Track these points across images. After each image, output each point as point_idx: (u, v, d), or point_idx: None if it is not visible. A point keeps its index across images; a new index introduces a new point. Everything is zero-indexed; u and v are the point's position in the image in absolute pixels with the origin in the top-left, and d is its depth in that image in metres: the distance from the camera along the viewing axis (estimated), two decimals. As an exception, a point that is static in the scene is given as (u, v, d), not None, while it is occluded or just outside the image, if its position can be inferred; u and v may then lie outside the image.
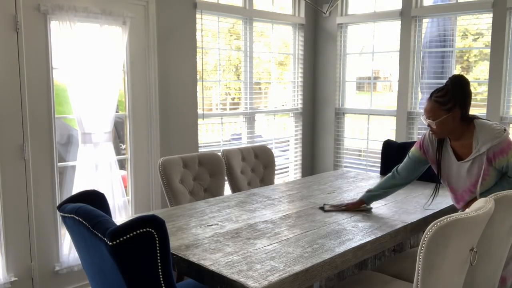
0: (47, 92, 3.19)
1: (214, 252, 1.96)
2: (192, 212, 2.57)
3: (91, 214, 1.59)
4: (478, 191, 2.33)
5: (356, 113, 5.12)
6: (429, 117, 2.32)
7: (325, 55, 5.19)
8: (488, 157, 2.27)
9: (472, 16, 4.21)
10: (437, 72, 4.46)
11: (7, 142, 3.03)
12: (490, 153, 2.25)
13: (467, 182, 2.36)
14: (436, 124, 2.30)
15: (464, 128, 2.33)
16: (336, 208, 2.62)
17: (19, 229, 3.12)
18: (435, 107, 2.30)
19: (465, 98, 2.28)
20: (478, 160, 2.29)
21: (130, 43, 3.56)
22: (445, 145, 2.45)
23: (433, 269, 1.66)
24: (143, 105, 3.72)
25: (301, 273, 1.78)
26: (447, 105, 2.27)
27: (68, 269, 3.36)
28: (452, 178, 2.44)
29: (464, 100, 2.28)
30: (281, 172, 5.13)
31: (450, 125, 2.30)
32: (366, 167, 5.02)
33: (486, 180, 2.30)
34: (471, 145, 2.32)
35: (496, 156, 2.25)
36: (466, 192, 2.39)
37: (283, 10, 5.05)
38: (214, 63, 4.37)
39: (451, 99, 2.26)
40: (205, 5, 4.09)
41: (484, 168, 2.27)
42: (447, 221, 1.62)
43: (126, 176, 3.74)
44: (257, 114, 4.80)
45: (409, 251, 2.78)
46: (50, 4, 3.08)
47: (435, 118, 2.29)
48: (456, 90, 2.27)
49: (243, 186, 3.50)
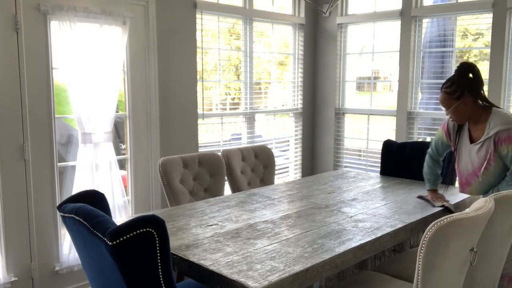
0: (47, 92, 3.19)
1: (214, 252, 1.96)
2: (192, 212, 2.57)
3: (91, 214, 1.59)
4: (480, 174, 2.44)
5: (356, 113, 5.12)
6: (443, 106, 2.49)
7: (325, 55, 5.19)
8: (495, 141, 2.38)
9: (472, 16, 4.21)
10: (437, 72, 4.46)
11: (7, 142, 3.03)
12: (497, 137, 2.37)
13: (474, 164, 2.48)
14: (451, 112, 2.46)
15: (481, 113, 2.47)
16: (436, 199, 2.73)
17: (19, 229, 3.12)
18: (445, 98, 2.46)
19: (472, 84, 2.41)
20: (487, 144, 2.42)
21: (130, 43, 3.56)
22: (464, 128, 2.60)
23: (433, 269, 1.66)
24: (143, 105, 3.72)
25: (301, 273, 1.78)
26: (455, 94, 2.42)
27: (68, 269, 3.36)
28: (462, 161, 2.57)
29: (471, 86, 2.41)
30: (281, 172, 5.13)
31: (464, 111, 2.45)
32: (366, 167, 5.02)
33: (491, 165, 2.40)
34: (484, 128, 2.44)
35: (501, 142, 2.35)
36: (471, 175, 2.51)
37: (283, 10, 5.05)
38: (214, 63, 4.37)
39: (458, 88, 2.41)
40: (205, 5, 4.10)
41: (490, 153, 2.38)
42: (447, 221, 1.62)
43: (126, 176, 3.74)
44: (257, 114, 4.80)
45: (409, 251, 2.78)
46: (50, 4, 3.08)
47: (448, 107, 2.46)
48: (461, 78, 2.41)
49: (243, 186, 3.50)
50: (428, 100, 4.57)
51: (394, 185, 3.26)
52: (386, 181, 3.40)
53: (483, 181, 2.47)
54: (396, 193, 3.02)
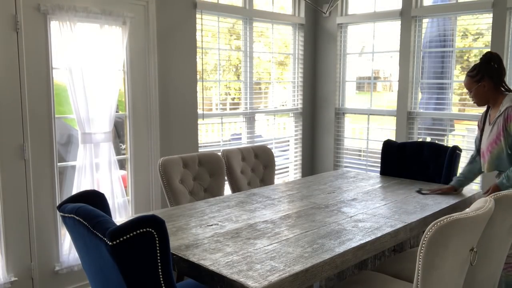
0: (47, 92, 3.19)
1: (214, 252, 1.96)
2: (192, 212, 2.57)
3: (91, 214, 1.59)
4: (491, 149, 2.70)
5: (356, 113, 5.12)
6: (467, 89, 2.80)
7: (325, 55, 5.19)
8: (504, 118, 2.61)
9: (472, 16, 4.21)
10: (437, 72, 4.46)
11: (7, 142, 3.03)
12: (505, 114, 2.62)
13: (488, 141, 2.74)
14: (472, 94, 2.76)
15: (499, 97, 2.74)
16: (432, 192, 3.02)
17: (19, 229, 3.12)
18: (468, 81, 2.77)
19: (492, 71, 2.70)
20: (498, 121, 2.67)
21: (130, 43, 3.56)
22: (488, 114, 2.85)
23: (433, 269, 1.66)
24: (143, 105, 3.72)
25: (301, 273, 1.78)
26: (476, 77, 2.73)
27: (68, 269, 3.36)
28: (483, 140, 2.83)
29: (491, 72, 2.70)
30: (281, 172, 5.13)
31: (483, 94, 2.74)
32: (366, 167, 5.02)
33: (500, 141, 2.64)
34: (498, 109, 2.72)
35: (510, 118, 2.57)
36: (485, 152, 2.76)
37: (283, 10, 5.05)
38: (214, 63, 4.37)
39: (479, 72, 2.72)
40: (205, 5, 4.10)
41: (500, 128, 2.64)
42: (447, 221, 1.62)
43: (126, 176, 3.74)
44: (257, 114, 4.80)
45: (409, 251, 2.78)
46: (50, 4, 3.08)
47: (470, 89, 2.77)
48: (483, 64, 2.72)
49: (243, 186, 3.50)
50: (428, 100, 4.56)
51: (394, 185, 3.26)
52: (386, 181, 3.40)
53: (491, 158, 2.71)
54: (396, 193, 3.02)
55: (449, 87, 4.37)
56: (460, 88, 4.37)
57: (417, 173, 3.51)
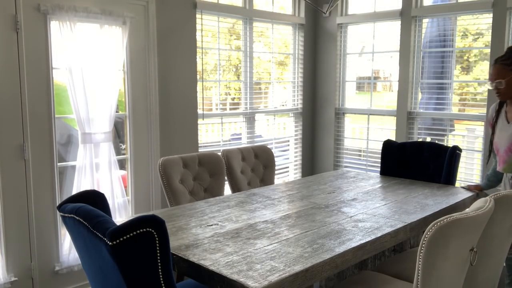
0: (47, 92, 3.19)
1: (214, 252, 1.96)
2: (192, 212, 2.57)
3: (91, 214, 1.59)
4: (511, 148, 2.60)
5: (356, 113, 5.12)
6: (497, 78, 2.60)
7: (325, 55, 5.19)
8: None
9: (472, 16, 4.21)
10: (437, 72, 4.46)
11: (7, 142, 3.03)
12: None
13: (508, 142, 2.65)
14: (505, 83, 2.58)
15: None
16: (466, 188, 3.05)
17: (19, 229, 3.12)
18: (502, 68, 2.59)
19: None
20: None
21: (130, 43, 3.56)
22: (502, 110, 2.75)
23: (433, 269, 1.66)
24: (143, 105, 3.72)
25: (301, 273, 1.78)
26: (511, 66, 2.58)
27: (68, 269, 3.36)
28: (499, 139, 2.71)
29: None
30: (281, 172, 5.13)
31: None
32: (366, 167, 5.02)
33: None
34: None
35: None
36: (506, 152, 2.66)
37: (283, 10, 5.05)
38: (214, 63, 4.37)
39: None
40: (205, 5, 4.10)
41: None
42: (447, 221, 1.62)
43: (126, 176, 3.74)
44: (257, 114, 4.80)
45: (409, 251, 2.78)
46: (50, 4, 3.08)
47: (502, 78, 2.58)
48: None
49: (243, 186, 3.50)
50: (428, 100, 4.56)
51: (394, 185, 3.26)
52: (386, 181, 3.40)
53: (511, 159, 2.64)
54: (396, 193, 3.02)
55: (449, 87, 4.37)
56: (460, 88, 4.37)
57: (417, 173, 3.52)
